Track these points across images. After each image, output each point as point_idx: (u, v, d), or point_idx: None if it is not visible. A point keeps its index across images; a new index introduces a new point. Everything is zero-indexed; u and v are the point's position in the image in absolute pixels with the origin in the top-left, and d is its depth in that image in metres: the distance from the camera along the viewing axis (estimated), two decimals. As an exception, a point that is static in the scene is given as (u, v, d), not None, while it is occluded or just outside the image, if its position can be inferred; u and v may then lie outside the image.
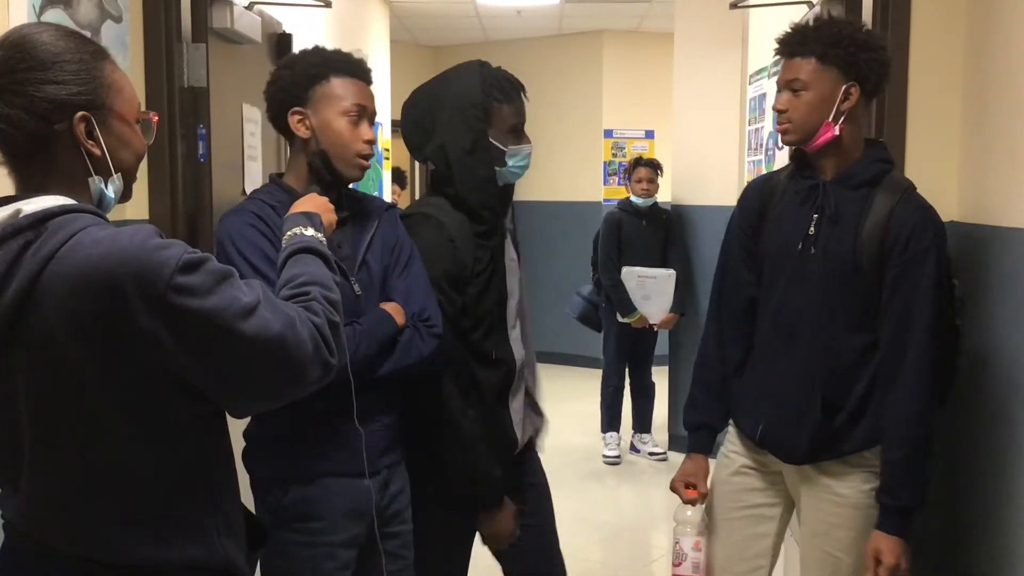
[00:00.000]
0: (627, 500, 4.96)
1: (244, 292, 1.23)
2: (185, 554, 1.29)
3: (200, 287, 1.19)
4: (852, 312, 1.94)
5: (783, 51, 1.95)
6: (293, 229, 1.54)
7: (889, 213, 1.90)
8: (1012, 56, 2.05)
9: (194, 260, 1.20)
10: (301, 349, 1.25)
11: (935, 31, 2.35)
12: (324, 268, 1.45)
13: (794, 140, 1.96)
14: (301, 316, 1.28)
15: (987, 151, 2.20)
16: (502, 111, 2.06)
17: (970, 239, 2.28)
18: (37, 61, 1.22)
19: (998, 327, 2.12)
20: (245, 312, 1.21)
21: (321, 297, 1.36)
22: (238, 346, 1.21)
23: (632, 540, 4.21)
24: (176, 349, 1.19)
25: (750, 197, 2.12)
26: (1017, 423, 1.99)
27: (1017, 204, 2.01)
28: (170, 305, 1.17)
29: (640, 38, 8.26)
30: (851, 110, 1.92)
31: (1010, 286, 2.05)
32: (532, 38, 8.28)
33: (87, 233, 1.18)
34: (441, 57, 9.28)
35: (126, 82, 1.32)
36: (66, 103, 1.23)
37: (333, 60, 1.88)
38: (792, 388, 1.98)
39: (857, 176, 1.94)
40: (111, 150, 1.28)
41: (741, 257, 2.10)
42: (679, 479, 2.16)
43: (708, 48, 5.37)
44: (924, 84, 2.37)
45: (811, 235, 1.94)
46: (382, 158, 6.83)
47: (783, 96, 1.94)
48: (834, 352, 1.94)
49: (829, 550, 2.00)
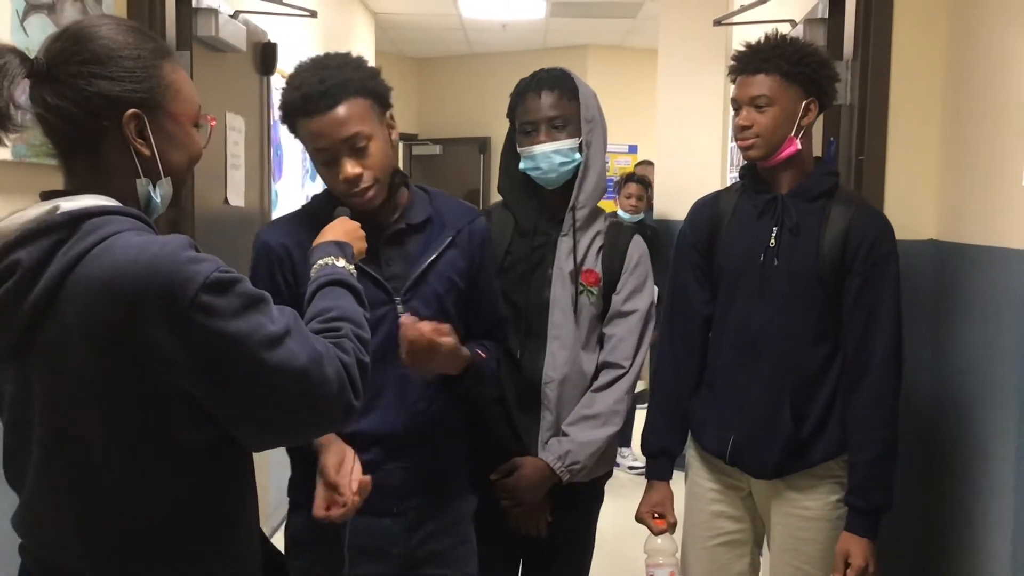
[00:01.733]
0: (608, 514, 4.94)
1: (273, 319, 1.16)
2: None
3: (225, 309, 1.12)
4: (814, 322, 1.96)
5: (745, 68, 1.97)
6: (324, 259, 1.44)
7: (848, 223, 1.94)
8: (991, 77, 2.08)
9: (224, 280, 1.13)
10: (326, 388, 1.18)
11: (916, 51, 2.38)
12: (355, 304, 1.37)
13: (759, 155, 1.98)
14: (329, 353, 1.21)
15: (965, 170, 2.22)
16: (517, 111, 2.05)
17: (948, 257, 2.30)
18: (92, 55, 1.17)
19: (974, 344, 2.14)
20: (270, 341, 1.14)
21: (353, 335, 1.28)
22: (258, 376, 1.14)
23: (613, 553, 4.20)
24: (192, 370, 1.13)
25: (699, 215, 2.12)
26: (996, 440, 2.01)
27: (994, 223, 2.03)
28: (192, 323, 1.10)
29: (624, 53, 8.31)
30: (808, 125, 1.97)
31: (986, 304, 2.07)
32: (517, 51, 8.32)
33: (120, 238, 1.13)
34: (426, 69, 9.29)
35: (185, 83, 1.27)
36: (118, 100, 1.18)
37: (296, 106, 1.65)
38: (760, 401, 1.98)
39: (813, 188, 1.98)
40: (162, 152, 1.23)
41: (694, 277, 2.10)
42: (646, 510, 2.13)
43: (692, 64, 5.41)
44: (904, 104, 2.39)
45: (772, 247, 1.97)
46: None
47: (745, 112, 1.97)
48: (799, 363, 1.96)
49: (799, 565, 2.01)
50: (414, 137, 9.30)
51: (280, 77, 4.35)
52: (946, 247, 2.32)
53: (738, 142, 2.01)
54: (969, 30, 2.22)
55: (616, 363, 2.06)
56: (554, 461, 1.99)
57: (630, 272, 2.08)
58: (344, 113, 1.63)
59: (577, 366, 2.04)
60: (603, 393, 2.05)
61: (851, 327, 1.95)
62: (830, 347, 1.98)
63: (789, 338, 1.96)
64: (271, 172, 4.25)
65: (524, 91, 2.04)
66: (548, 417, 2.03)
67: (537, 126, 2.01)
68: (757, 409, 1.99)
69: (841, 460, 2.00)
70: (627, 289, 2.07)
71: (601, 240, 2.08)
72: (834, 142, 2.59)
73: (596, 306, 2.06)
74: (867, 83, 2.41)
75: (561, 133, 2.01)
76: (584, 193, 2.04)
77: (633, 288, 2.08)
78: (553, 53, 8.34)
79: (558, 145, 2.00)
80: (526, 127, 2.03)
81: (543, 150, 2.00)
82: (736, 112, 2.00)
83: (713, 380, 2.08)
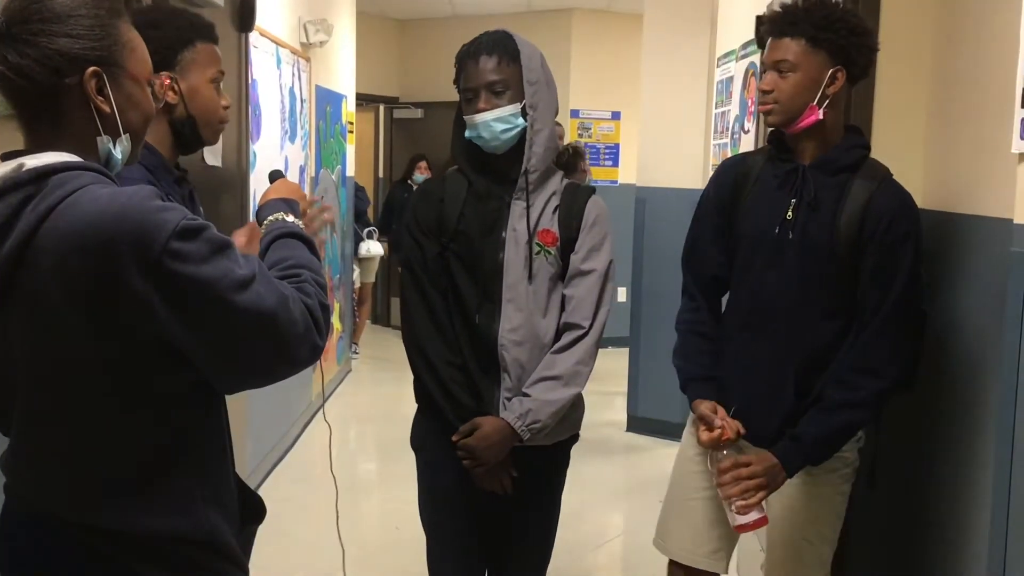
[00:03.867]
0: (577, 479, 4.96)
1: (240, 265, 1.22)
2: (169, 523, 1.28)
3: (196, 254, 1.17)
4: (827, 298, 1.94)
5: (772, 30, 1.93)
6: (274, 215, 1.50)
7: (867, 200, 1.90)
8: (978, 45, 2.06)
9: (192, 227, 1.18)
10: (293, 328, 1.25)
11: (904, 19, 2.36)
12: (310, 253, 1.44)
13: (778, 121, 1.94)
14: (294, 295, 1.27)
15: (952, 139, 2.21)
16: (460, 77, 2.05)
17: (934, 226, 2.29)
18: (52, 13, 1.21)
19: (960, 313, 2.13)
20: (240, 284, 1.20)
21: (312, 280, 1.35)
22: (230, 318, 1.20)
23: (589, 519, 4.22)
24: (167, 316, 1.17)
25: (725, 176, 2.10)
26: (978, 408, 2.01)
27: (981, 192, 2.02)
28: (165, 269, 1.15)
29: (609, 18, 8.22)
30: (835, 95, 1.92)
31: (973, 273, 2.06)
32: (501, 14, 8.21)
33: (87, 191, 1.17)
34: (408, 30, 9.17)
35: (139, 42, 1.31)
36: (78, 57, 1.21)
37: (199, 25, 1.80)
38: (766, 369, 1.97)
39: (836, 161, 1.94)
40: (121, 109, 1.27)
41: (713, 237, 2.08)
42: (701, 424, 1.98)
43: (677, 30, 5.36)
44: (891, 72, 2.37)
45: (789, 220, 1.94)
46: (346, 131, 6.74)
47: (768, 76, 1.93)
48: (808, 337, 1.95)
49: (796, 534, 2.02)
50: (395, 100, 9.20)
51: (259, 35, 4.27)
52: (932, 216, 2.31)
53: (759, 107, 1.98)
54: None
55: (576, 323, 2.06)
56: (514, 420, 2.00)
57: (587, 231, 2.07)
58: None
59: (533, 328, 2.04)
60: (564, 354, 2.05)
61: (865, 307, 1.93)
62: (841, 324, 1.96)
63: (799, 312, 1.94)
64: (249, 133, 4.18)
65: (464, 57, 2.03)
66: (507, 380, 2.04)
67: (477, 92, 2.00)
68: (761, 379, 1.98)
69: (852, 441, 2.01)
70: (585, 248, 2.07)
71: (557, 200, 2.08)
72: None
73: (554, 266, 2.06)
74: (855, 49, 2.39)
75: (501, 99, 1.99)
76: (535, 156, 2.03)
77: (591, 247, 2.07)
78: (537, 16, 8.25)
79: (498, 113, 1.99)
80: (467, 94, 2.02)
81: (483, 119, 1.99)
82: (762, 76, 1.97)
83: (723, 344, 2.06)
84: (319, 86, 5.70)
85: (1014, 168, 1.68)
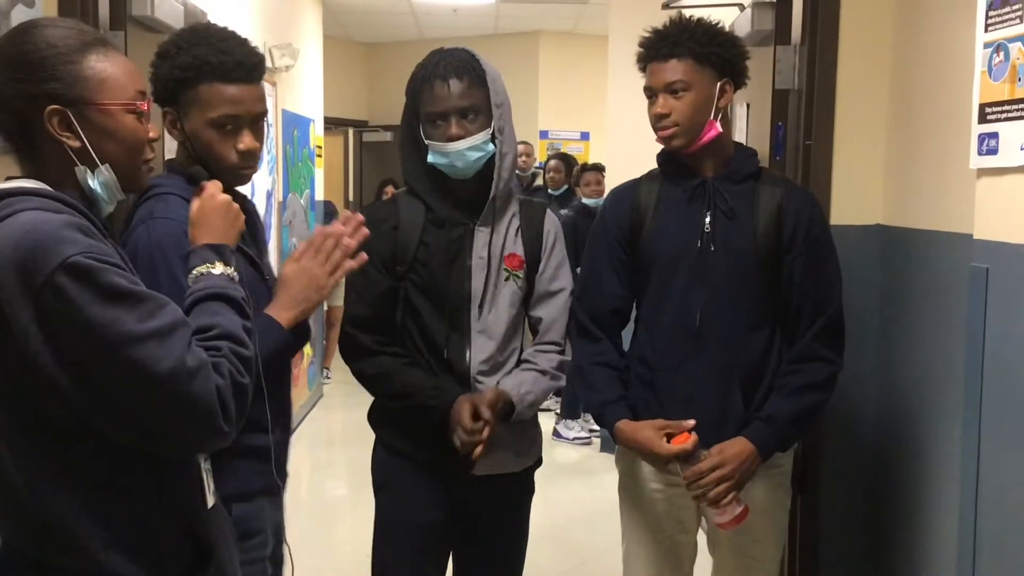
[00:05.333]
0: (552, 498, 4.94)
1: (140, 319, 1.16)
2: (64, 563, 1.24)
3: (78, 296, 1.13)
4: (754, 307, 1.94)
5: (656, 54, 1.92)
6: (200, 268, 1.38)
7: (779, 203, 1.93)
8: (938, 63, 2.09)
9: (84, 266, 1.14)
10: (187, 403, 1.18)
11: (864, 36, 2.39)
12: (236, 317, 1.33)
13: (682, 143, 1.93)
14: (204, 372, 1.19)
15: (912, 155, 2.23)
16: (421, 100, 1.94)
17: (895, 241, 2.31)
18: (10, 59, 1.25)
19: (920, 327, 2.15)
20: (129, 339, 1.14)
21: (231, 354, 1.26)
22: (112, 372, 1.15)
23: (563, 541, 4.20)
24: (45, 352, 1.14)
25: (619, 205, 2.05)
26: (937, 420, 2.02)
27: (940, 207, 2.04)
28: (44, 303, 1.12)
29: (576, 39, 8.29)
30: (725, 107, 1.94)
31: (932, 287, 2.08)
32: (468, 37, 8.24)
33: (19, 215, 1.17)
34: (375, 54, 9.18)
35: (114, 71, 1.29)
36: (37, 97, 1.24)
37: (206, 62, 1.61)
38: (709, 389, 1.94)
39: (740, 170, 1.97)
40: (93, 141, 1.27)
41: (612, 268, 2.02)
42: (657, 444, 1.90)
43: (642, 50, 5.40)
44: (852, 89, 2.40)
45: (707, 232, 1.94)
46: (314, 155, 6.71)
47: (661, 99, 1.92)
48: (744, 347, 1.94)
49: (742, 553, 2.00)
50: (364, 124, 9.19)
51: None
52: (893, 231, 2.33)
53: (657, 132, 1.95)
54: (916, 15, 2.22)
55: (552, 341, 2.04)
56: (511, 389, 1.95)
57: (549, 250, 2.05)
58: (261, 91, 1.67)
59: (505, 356, 2.01)
60: (543, 355, 2.02)
61: (803, 304, 1.93)
62: (768, 333, 1.96)
63: (733, 323, 1.94)
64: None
65: (429, 78, 1.92)
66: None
67: (447, 117, 1.90)
68: (707, 399, 1.94)
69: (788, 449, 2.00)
70: (551, 268, 2.05)
71: (517, 221, 2.03)
72: (781, 127, 2.59)
73: (523, 289, 2.02)
74: (815, 68, 2.41)
75: (473, 125, 1.91)
76: (502, 182, 1.97)
77: (556, 265, 2.05)
78: (504, 39, 8.29)
79: (472, 141, 1.91)
80: (434, 118, 1.91)
81: (457, 148, 1.90)
82: (651, 101, 1.95)
83: (651, 376, 1.99)
84: (286, 110, 5.68)
85: (973, 183, 1.70)
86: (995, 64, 1.62)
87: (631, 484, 2.07)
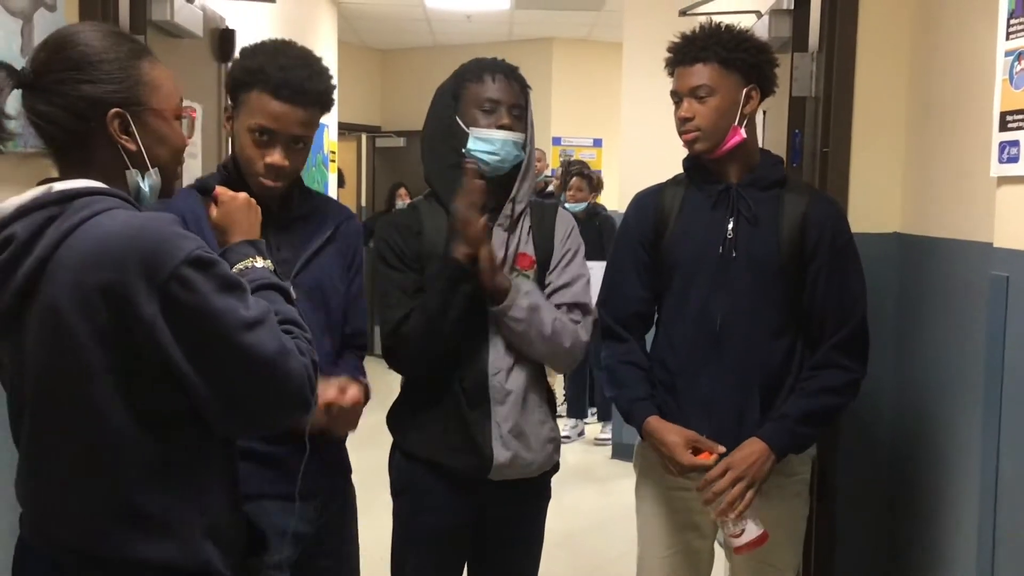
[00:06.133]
0: (565, 505, 4.93)
1: (248, 306, 1.24)
2: (161, 552, 1.27)
3: (203, 285, 1.20)
4: (776, 315, 1.93)
5: (683, 59, 1.93)
6: (244, 262, 1.42)
7: (804, 212, 1.92)
8: (956, 69, 2.08)
9: (205, 259, 1.21)
10: (287, 381, 1.26)
11: (881, 43, 2.38)
12: (288, 305, 1.40)
13: (704, 148, 1.94)
14: (295, 351, 1.28)
15: (930, 163, 2.22)
16: (469, 90, 1.97)
17: (912, 250, 2.30)
18: (74, 61, 1.27)
19: (939, 336, 2.14)
20: (244, 324, 1.22)
21: (304, 338, 1.35)
22: (229, 355, 1.22)
23: (577, 548, 4.19)
24: (169, 342, 1.20)
25: (644, 209, 2.06)
26: (956, 430, 2.01)
27: (959, 216, 2.03)
28: (171, 294, 1.18)
29: (589, 47, 8.30)
30: (751, 113, 1.93)
31: (951, 297, 2.07)
32: (481, 43, 8.25)
33: (109, 213, 1.22)
34: (389, 60, 9.21)
35: (166, 79, 1.35)
36: (100, 101, 1.28)
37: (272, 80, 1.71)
38: (729, 397, 1.93)
39: (766, 177, 1.96)
40: (147, 146, 1.32)
41: (635, 271, 2.03)
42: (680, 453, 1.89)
43: (656, 57, 5.36)
44: (869, 96, 2.39)
45: (730, 239, 1.93)
46: (328, 160, 6.73)
47: (686, 103, 1.93)
48: (765, 355, 1.93)
49: (760, 560, 1.99)
50: (377, 129, 9.21)
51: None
52: (910, 240, 2.32)
53: (681, 136, 1.96)
54: (935, 22, 2.22)
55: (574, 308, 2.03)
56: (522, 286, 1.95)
57: (560, 247, 2.05)
58: (307, 116, 1.76)
59: (522, 354, 2.00)
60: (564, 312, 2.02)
61: (827, 312, 1.92)
62: (789, 341, 1.95)
63: (754, 330, 1.93)
64: (230, 162, 4.17)
65: (488, 69, 1.98)
66: (500, 410, 1.97)
67: (500, 106, 1.94)
68: (726, 406, 1.93)
69: (803, 457, 1.99)
70: (561, 264, 2.05)
71: (529, 222, 2.04)
72: (799, 134, 2.58)
73: None
74: (832, 75, 2.41)
75: (519, 124, 1.97)
76: (524, 189, 2.00)
77: (566, 262, 2.05)
78: (518, 45, 8.30)
79: (517, 136, 1.96)
80: (488, 105, 1.94)
81: (505, 136, 1.93)
82: (677, 105, 1.96)
83: (672, 380, 1.99)
84: (300, 115, 5.71)
85: (993, 192, 1.69)
86: (1016, 72, 1.61)
87: (649, 484, 2.07)
